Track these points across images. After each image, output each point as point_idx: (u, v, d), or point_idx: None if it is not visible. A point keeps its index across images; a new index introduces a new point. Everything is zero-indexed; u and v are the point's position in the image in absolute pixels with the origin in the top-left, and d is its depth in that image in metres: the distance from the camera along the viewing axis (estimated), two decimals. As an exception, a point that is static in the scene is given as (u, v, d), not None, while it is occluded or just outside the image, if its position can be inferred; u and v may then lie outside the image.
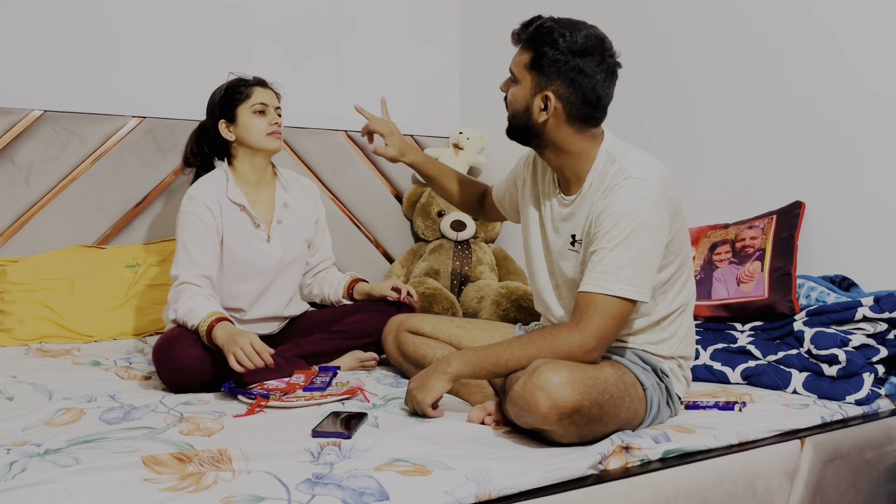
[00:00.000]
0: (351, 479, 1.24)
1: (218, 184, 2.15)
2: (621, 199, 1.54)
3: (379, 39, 3.36)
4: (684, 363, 1.72)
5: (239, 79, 2.21)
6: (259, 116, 2.16)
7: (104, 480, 1.23)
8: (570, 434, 1.43)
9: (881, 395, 1.85)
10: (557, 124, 1.60)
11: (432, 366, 1.64)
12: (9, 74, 2.64)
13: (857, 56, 2.17)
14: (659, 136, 2.73)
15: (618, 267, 1.51)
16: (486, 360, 1.58)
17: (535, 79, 1.58)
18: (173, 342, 1.88)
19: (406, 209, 3.36)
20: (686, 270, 1.69)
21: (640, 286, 1.52)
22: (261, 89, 2.19)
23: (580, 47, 1.55)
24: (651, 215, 1.53)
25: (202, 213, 2.08)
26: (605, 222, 1.55)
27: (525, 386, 1.42)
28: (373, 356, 2.18)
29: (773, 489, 1.51)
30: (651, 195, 1.54)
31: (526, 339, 1.58)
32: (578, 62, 1.55)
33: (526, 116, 1.62)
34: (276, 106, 2.20)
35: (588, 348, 1.51)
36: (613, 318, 1.52)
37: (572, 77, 1.56)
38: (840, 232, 2.22)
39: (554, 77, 1.57)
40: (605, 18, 2.93)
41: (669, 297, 1.66)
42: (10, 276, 2.49)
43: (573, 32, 1.56)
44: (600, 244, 1.55)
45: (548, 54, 1.56)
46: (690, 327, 1.73)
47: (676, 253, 1.63)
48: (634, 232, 1.51)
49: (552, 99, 1.58)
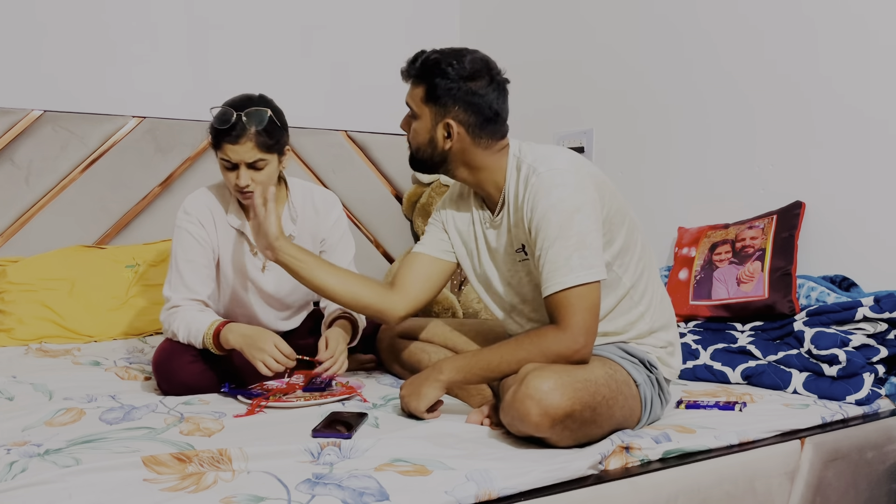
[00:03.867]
0: (351, 479, 1.24)
1: (216, 201, 1.99)
2: (541, 196, 1.56)
3: (379, 39, 3.36)
4: (668, 335, 1.70)
5: (214, 121, 1.85)
6: (227, 171, 1.88)
7: (104, 480, 1.23)
8: (565, 439, 1.43)
9: (881, 395, 1.84)
10: (463, 147, 1.66)
11: (424, 372, 1.64)
12: (9, 74, 2.64)
13: (858, 56, 2.17)
14: (659, 136, 2.73)
15: (564, 258, 1.52)
16: (476, 366, 1.58)
17: (433, 110, 1.65)
18: (173, 358, 1.84)
19: (406, 209, 3.36)
20: (638, 238, 1.68)
21: (593, 266, 1.53)
22: (230, 146, 1.82)
23: (469, 72, 1.62)
24: (574, 197, 1.54)
25: (196, 230, 1.94)
26: (536, 224, 1.57)
27: (515, 395, 1.42)
28: (372, 357, 2.18)
29: (773, 489, 1.51)
30: (566, 180, 1.56)
31: (514, 343, 1.58)
32: (470, 86, 1.62)
33: (431, 147, 1.68)
34: (247, 162, 1.83)
35: (577, 347, 1.52)
36: (587, 309, 1.52)
37: (468, 101, 1.62)
38: (840, 232, 2.22)
39: (450, 104, 1.63)
40: (606, 18, 2.94)
41: (631, 268, 1.66)
42: (10, 276, 2.50)
43: (459, 60, 1.63)
44: (541, 245, 1.56)
45: (440, 84, 1.62)
46: (663, 295, 1.73)
47: (619, 222, 1.63)
48: (566, 220, 1.53)
49: (453, 125, 1.63)
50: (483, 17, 3.47)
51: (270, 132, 1.85)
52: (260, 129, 1.83)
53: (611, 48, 2.90)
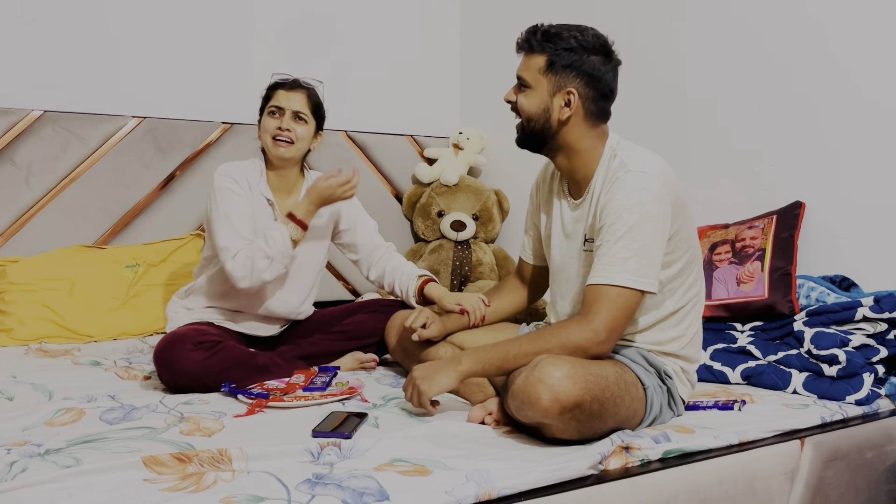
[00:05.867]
0: (351, 479, 1.24)
1: (251, 171, 2.10)
2: (623, 192, 1.57)
3: (379, 39, 3.36)
4: (689, 367, 1.72)
5: (275, 78, 2.13)
6: (271, 117, 2.08)
7: (104, 481, 1.23)
8: (570, 429, 1.43)
9: (881, 395, 1.85)
10: (575, 122, 1.65)
11: (442, 360, 1.64)
12: (9, 74, 2.64)
13: (858, 57, 2.17)
14: (659, 136, 2.73)
15: (622, 258, 1.53)
16: (495, 356, 1.58)
17: (553, 80, 1.63)
18: (174, 346, 1.87)
19: (406, 209, 3.36)
20: (695, 268, 1.70)
21: (646, 276, 1.54)
22: (283, 92, 2.08)
23: (591, 45, 1.63)
24: (653, 206, 1.55)
25: (237, 188, 2.04)
26: (608, 215, 1.57)
27: (527, 380, 1.42)
28: (373, 357, 2.18)
29: (773, 489, 1.51)
30: (652, 186, 1.56)
31: (535, 334, 1.59)
32: (593, 59, 1.63)
33: (544, 118, 1.65)
34: (295, 110, 2.07)
35: (598, 340, 1.52)
36: (621, 310, 1.53)
37: (590, 73, 1.63)
38: (840, 232, 2.22)
39: (572, 75, 1.63)
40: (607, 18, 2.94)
41: (678, 293, 1.67)
42: (10, 276, 2.49)
43: (583, 33, 1.64)
44: (605, 237, 1.57)
45: (563, 55, 1.62)
46: (699, 329, 1.74)
47: (684, 249, 1.65)
48: (638, 223, 1.54)
49: (574, 94, 1.63)
50: (483, 18, 3.48)
51: (318, 101, 2.14)
52: (311, 92, 2.12)
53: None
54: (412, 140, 3.41)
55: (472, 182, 3.30)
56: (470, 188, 3.27)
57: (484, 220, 3.25)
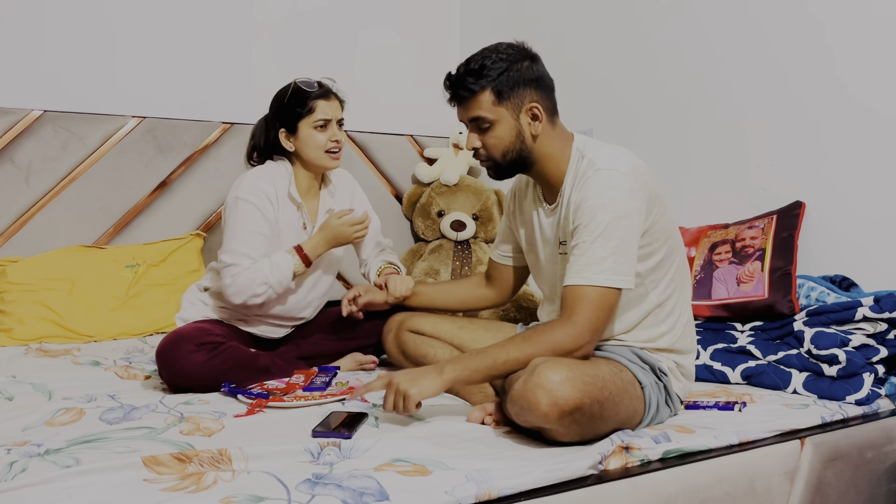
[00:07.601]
0: (351, 479, 1.24)
1: (279, 178, 2.09)
2: (595, 191, 1.58)
3: (379, 39, 3.36)
4: (684, 360, 1.72)
5: (302, 89, 2.07)
6: (320, 131, 2.06)
7: (104, 481, 1.23)
8: (571, 433, 1.43)
9: (881, 395, 1.84)
10: (544, 131, 1.68)
11: (428, 367, 1.62)
12: (9, 74, 2.64)
13: (858, 57, 2.17)
14: (659, 136, 2.73)
15: (601, 258, 1.54)
16: (482, 364, 1.56)
17: (510, 105, 1.65)
18: (177, 345, 1.87)
19: (406, 209, 3.36)
20: (677, 258, 1.70)
21: (624, 274, 1.55)
22: (324, 102, 2.06)
23: (515, 56, 1.65)
24: (626, 203, 1.56)
25: (263, 204, 2.02)
26: (582, 215, 1.58)
27: (525, 385, 1.42)
28: (372, 359, 2.18)
29: (773, 489, 1.51)
30: (623, 183, 1.57)
31: (520, 338, 1.58)
32: (525, 66, 1.65)
33: (519, 143, 1.67)
34: (338, 118, 2.10)
35: (583, 342, 1.53)
36: (604, 310, 1.54)
37: (533, 80, 1.66)
38: (840, 232, 2.22)
39: (523, 90, 1.65)
40: (607, 18, 2.94)
41: (661, 285, 1.67)
42: (10, 276, 2.50)
43: (499, 52, 1.65)
44: (581, 237, 1.57)
45: (503, 79, 1.63)
46: (689, 321, 1.74)
47: (662, 240, 1.65)
48: (613, 222, 1.55)
49: (537, 106, 1.65)
50: (483, 18, 3.48)
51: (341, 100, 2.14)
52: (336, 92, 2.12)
53: (611, 47, 2.90)
54: (412, 140, 3.41)
55: (472, 182, 3.30)
56: (470, 188, 3.27)
57: (484, 220, 3.25)
